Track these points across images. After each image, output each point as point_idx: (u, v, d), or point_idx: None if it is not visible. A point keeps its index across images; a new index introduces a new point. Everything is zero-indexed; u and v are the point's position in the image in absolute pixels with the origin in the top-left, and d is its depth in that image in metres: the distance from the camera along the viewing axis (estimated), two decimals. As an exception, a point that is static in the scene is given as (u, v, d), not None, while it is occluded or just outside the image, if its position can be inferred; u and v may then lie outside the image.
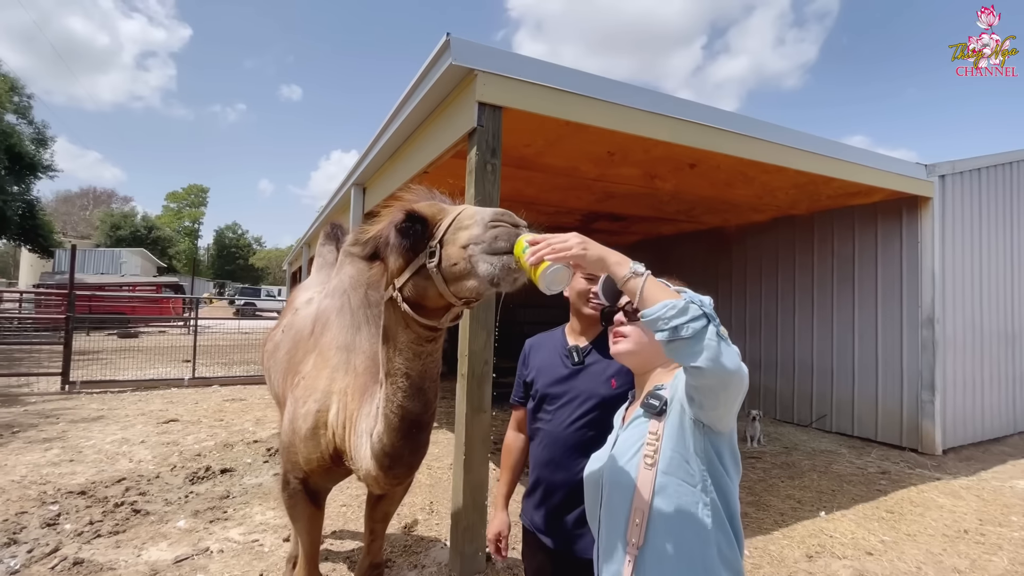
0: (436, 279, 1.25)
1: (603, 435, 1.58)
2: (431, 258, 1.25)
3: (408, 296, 1.35)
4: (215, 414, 6.87)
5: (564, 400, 1.64)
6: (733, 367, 0.92)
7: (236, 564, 3.09)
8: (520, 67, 3.23)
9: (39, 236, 21.93)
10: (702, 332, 0.90)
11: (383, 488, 1.82)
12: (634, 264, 1.00)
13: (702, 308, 0.92)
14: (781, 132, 4.65)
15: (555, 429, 1.63)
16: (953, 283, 6.13)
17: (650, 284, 0.97)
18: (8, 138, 18.76)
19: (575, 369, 1.65)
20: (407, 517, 3.82)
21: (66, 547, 3.20)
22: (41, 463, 4.72)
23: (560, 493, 1.61)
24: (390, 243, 1.36)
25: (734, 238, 8.37)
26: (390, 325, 1.48)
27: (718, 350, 0.90)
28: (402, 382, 1.46)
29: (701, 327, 0.90)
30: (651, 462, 1.09)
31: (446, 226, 1.25)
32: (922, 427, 5.86)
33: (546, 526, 1.64)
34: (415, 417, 1.49)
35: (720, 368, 0.91)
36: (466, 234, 1.20)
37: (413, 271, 1.31)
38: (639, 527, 1.07)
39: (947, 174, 6.09)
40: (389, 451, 1.52)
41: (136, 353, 10.80)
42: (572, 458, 1.59)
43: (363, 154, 5.45)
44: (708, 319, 0.91)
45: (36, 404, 7.12)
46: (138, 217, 46.04)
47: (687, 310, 0.91)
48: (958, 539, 3.70)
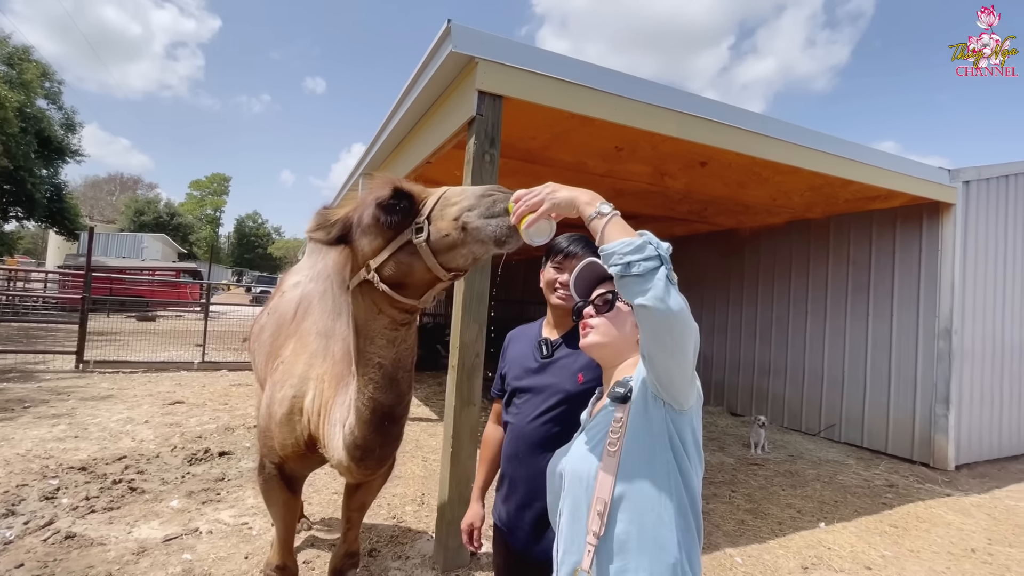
0: (424, 252, 1.26)
1: (568, 431, 1.53)
2: (418, 233, 1.25)
3: (388, 275, 1.32)
4: (220, 398, 6.97)
5: (531, 394, 1.59)
6: (676, 308, 0.93)
7: (223, 545, 3.11)
8: (522, 56, 3.17)
9: (65, 219, 22.55)
10: (652, 272, 0.92)
11: (356, 478, 1.80)
12: (601, 204, 1.03)
13: (657, 250, 0.94)
14: (795, 131, 4.51)
15: (520, 423, 1.59)
16: (973, 293, 5.91)
17: (613, 223, 1.00)
18: (38, 122, 19.32)
19: (544, 363, 1.61)
20: (397, 508, 3.81)
21: (60, 520, 3.26)
22: (47, 438, 4.83)
23: (522, 490, 1.56)
24: (365, 222, 1.33)
25: (748, 241, 8.20)
26: (360, 313, 1.44)
27: (665, 291, 0.92)
28: (374, 373, 1.43)
29: (652, 267, 0.93)
30: (614, 449, 1.08)
31: (432, 203, 1.27)
32: (934, 441, 5.67)
33: (509, 523, 1.60)
34: (387, 410, 1.45)
35: (664, 308, 0.92)
36: (456, 208, 1.22)
37: (395, 249, 1.30)
38: (601, 515, 1.06)
39: (972, 180, 5.86)
40: (360, 444, 1.50)
41: (151, 336, 11.02)
42: (534, 454, 1.54)
43: (370, 143, 5.45)
44: (661, 261, 0.94)
45: (50, 381, 7.29)
46: (161, 203, 47.01)
47: (643, 248, 0.94)
48: (964, 558, 3.56)
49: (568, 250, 1.63)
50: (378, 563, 3.03)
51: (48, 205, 21.09)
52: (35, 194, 19.39)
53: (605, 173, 5.49)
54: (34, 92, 19.03)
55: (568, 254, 1.62)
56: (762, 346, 7.81)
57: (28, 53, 19.28)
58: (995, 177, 6.11)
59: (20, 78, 18.06)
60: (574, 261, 1.63)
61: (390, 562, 3.06)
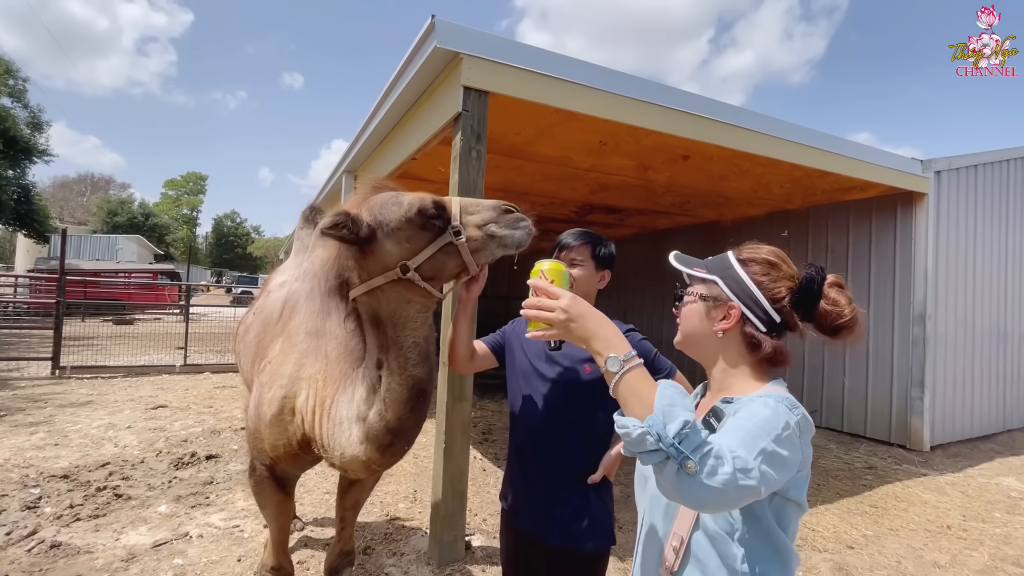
0: (464, 252, 1.48)
1: (574, 419, 1.57)
2: (458, 236, 1.47)
3: (426, 273, 1.48)
4: (204, 401, 6.86)
5: (538, 384, 1.64)
6: (701, 499, 0.76)
7: (215, 549, 3.08)
8: (507, 51, 3.17)
9: (34, 221, 21.82)
10: (660, 465, 0.78)
11: (372, 471, 1.78)
12: (611, 359, 0.88)
13: (660, 443, 0.76)
14: (775, 124, 4.59)
15: (527, 412, 1.64)
16: (946, 280, 6.11)
17: (623, 384, 0.86)
18: (3, 121, 18.63)
19: (551, 354, 1.65)
20: (390, 505, 3.81)
21: (44, 530, 3.19)
22: (25, 447, 4.71)
23: (528, 475, 1.62)
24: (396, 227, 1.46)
25: (729, 232, 8.33)
26: (385, 306, 1.49)
27: (676, 485, 0.76)
28: (411, 353, 1.50)
29: (658, 460, 0.77)
30: None
31: (458, 211, 1.50)
32: (911, 423, 5.86)
33: (516, 506, 1.65)
34: (423, 385, 1.52)
35: (681, 500, 0.79)
36: (478, 217, 1.49)
37: (435, 250, 1.47)
38: (676, 552, 0.98)
39: (943, 170, 6.04)
40: (394, 427, 1.51)
41: (130, 339, 10.77)
42: (542, 441, 1.59)
43: (353, 140, 5.39)
44: (667, 456, 0.76)
45: (25, 388, 7.09)
46: (135, 204, 45.81)
47: (642, 442, 0.77)
48: (940, 534, 3.70)
49: (564, 242, 1.70)
50: (373, 561, 3.04)
51: (16, 207, 20.38)
52: (1, 196, 18.73)
53: (590, 167, 5.53)
54: (-3, 90, 18.36)
55: (564, 246, 1.69)
56: (745, 336, 7.95)
57: (-10, 50, 18.55)
58: (965, 167, 6.30)
59: (-18, 76, 17.38)
60: (569, 252, 1.67)
61: (385, 559, 3.07)
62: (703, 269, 1.10)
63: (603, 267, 1.70)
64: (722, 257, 1.12)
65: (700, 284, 1.09)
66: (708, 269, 1.09)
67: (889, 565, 3.23)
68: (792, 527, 0.94)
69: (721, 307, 1.05)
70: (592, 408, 1.58)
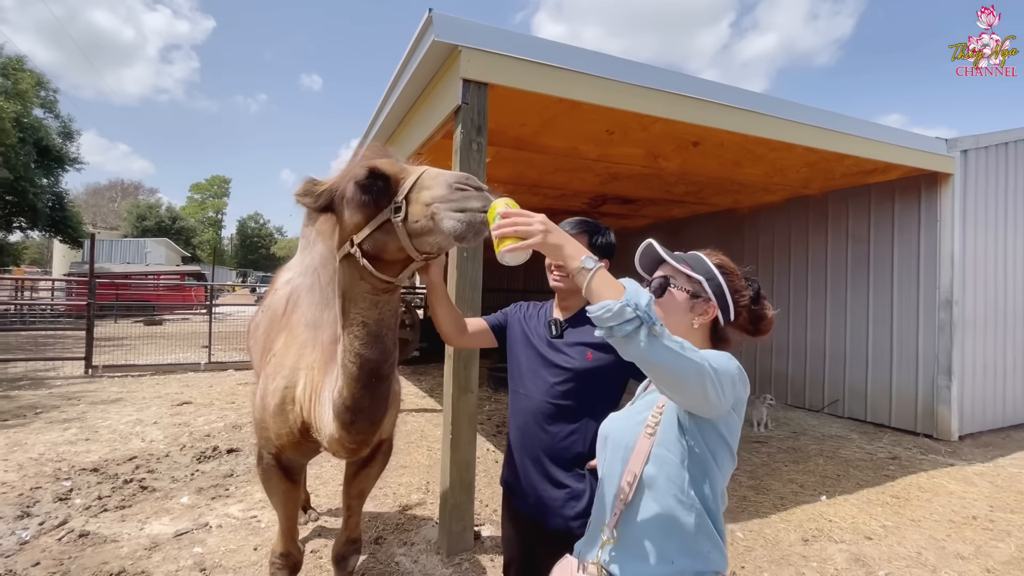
0: (400, 234, 1.30)
1: (576, 405, 1.61)
2: (396, 213, 1.29)
3: (367, 250, 1.37)
4: (227, 397, 7.06)
5: (540, 369, 1.67)
6: (659, 361, 0.95)
7: (233, 538, 3.18)
8: (506, 42, 3.16)
9: (68, 227, 22.70)
10: (634, 333, 0.94)
11: (348, 450, 1.80)
12: (585, 259, 1.03)
13: (636, 311, 0.94)
14: (787, 107, 4.48)
15: (529, 396, 1.67)
16: (974, 263, 5.88)
17: (596, 279, 1.01)
18: (36, 132, 19.38)
19: (554, 341, 1.68)
20: (402, 496, 3.87)
21: (74, 520, 3.34)
22: (59, 442, 4.92)
23: (529, 459, 1.64)
24: (347, 197, 1.38)
25: (746, 220, 8.16)
26: (344, 278, 1.49)
27: (648, 348, 0.94)
28: (359, 331, 1.48)
29: (633, 329, 0.94)
30: (651, 432, 1.17)
31: (409, 184, 1.30)
32: (937, 412, 5.68)
33: (517, 489, 1.69)
34: (374, 366, 1.49)
35: (651, 363, 0.96)
36: (429, 193, 1.26)
37: (375, 226, 1.33)
38: (629, 486, 1.15)
39: (970, 149, 5.80)
40: (350, 404, 1.52)
41: (159, 339, 11.14)
42: (543, 426, 1.62)
43: (362, 137, 5.46)
44: (640, 320, 0.94)
45: (60, 387, 7.41)
46: (163, 208, 47.16)
47: (622, 313, 0.94)
48: (965, 525, 3.58)
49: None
50: (384, 550, 3.10)
51: (51, 214, 21.24)
52: (37, 204, 19.52)
53: (598, 157, 5.48)
54: (30, 102, 19.08)
55: None
56: (764, 325, 7.81)
57: (22, 63, 19.29)
58: (994, 145, 6.04)
59: (15, 88, 18.09)
60: None
61: (396, 548, 3.12)
62: (688, 266, 1.25)
63: (601, 257, 1.70)
64: (698, 258, 1.29)
65: (685, 279, 1.25)
66: (692, 268, 1.25)
67: (909, 556, 3.15)
68: (727, 465, 1.15)
69: (702, 303, 1.23)
70: (592, 394, 1.60)
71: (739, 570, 2.98)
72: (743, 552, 3.17)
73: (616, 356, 1.57)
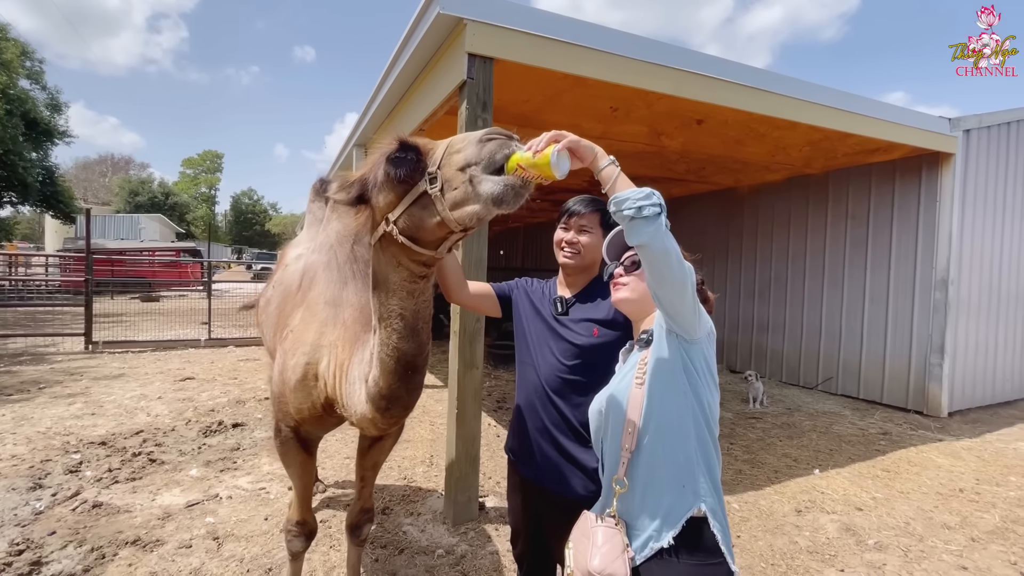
0: (438, 204, 1.28)
1: (582, 379, 1.66)
2: (432, 184, 1.28)
3: (403, 228, 1.37)
4: (229, 373, 7.11)
5: (549, 341, 1.71)
6: (671, 246, 1.14)
7: (243, 509, 3.26)
8: (512, 15, 3.10)
9: (60, 202, 22.32)
10: (657, 216, 1.12)
11: (379, 430, 1.85)
12: (612, 158, 1.24)
13: (660, 199, 1.14)
14: (792, 84, 4.44)
15: (536, 371, 1.71)
16: (971, 244, 5.93)
17: (621, 177, 1.22)
18: (23, 104, 18.87)
19: (559, 317, 1.71)
20: (407, 469, 3.96)
21: (86, 491, 3.41)
22: (65, 416, 4.98)
23: (536, 429, 1.69)
24: (379, 179, 1.39)
25: (746, 199, 8.16)
26: (380, 268, 1.50)
27: (665, 232, 1.13)
28: (397, 323, 1.49)
29: (657, 212, 1.12)
30: (640, 381, 1.29)
31: (441, 152, 1.29)
32: (928, 389, 5.81)
33: (524, 457, 1.74)
34: (410, 359, 1.52)
35: (663, 246, 1.13)
36: (461, 156, 1.24)
37: (410, 201, 1.33)
38: (631, 435, 1.27)
39: (973, 128, 5.79)
40: (386, 393, 1.55)
41: (157, 316, 11.14)
42: (549, 400, 1.66)
43: (363, 112, 5.38)
44: (662, 208, 1.13)
45: (61, 363, 7.44)
46: (155, 183, 46.52)
47: (651, 196, 1.13)
48: (952, 497, 3.72)
49: (572, 209, 1.73)
50: (391, 520, 3.19)
51: (41, 189, 20.84)
52: (27, 178, 19.13)
53: (601, 135, 5.43)
54: (15, 72, 18.52)
55: (572, 213, 1.72)
56: (761, 303, 7.89)
57: (6, 31, 18.68)
58: (996, 124, 6.03)
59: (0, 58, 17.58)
60: (579, 220, 1.70)
61: (403, 519, 3.21)
62: None
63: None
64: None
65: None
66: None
67: (897, 526, 3.27)
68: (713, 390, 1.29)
69: None
70: (599, 369, 1.64)
71: (735, 540, 3.10)
72: (739, 522, 3.29)
73: (621, 333, 1.62)
